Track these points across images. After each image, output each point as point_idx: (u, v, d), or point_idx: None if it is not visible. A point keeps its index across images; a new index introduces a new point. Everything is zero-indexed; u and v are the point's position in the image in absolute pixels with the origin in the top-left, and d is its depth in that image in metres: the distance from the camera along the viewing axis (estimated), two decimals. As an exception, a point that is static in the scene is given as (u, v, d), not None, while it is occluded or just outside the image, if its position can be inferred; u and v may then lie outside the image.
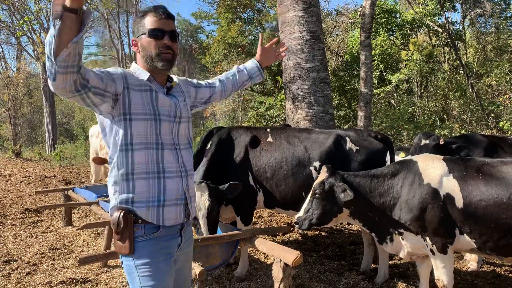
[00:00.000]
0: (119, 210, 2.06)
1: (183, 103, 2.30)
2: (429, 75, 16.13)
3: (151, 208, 2.08)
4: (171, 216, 2.14)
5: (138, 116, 2.07)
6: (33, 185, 11.08)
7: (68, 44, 1.65)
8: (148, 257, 2.07)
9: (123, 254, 2.09)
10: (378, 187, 3.50)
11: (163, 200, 2.11)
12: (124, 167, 2.07)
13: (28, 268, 4.93)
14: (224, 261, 3.99)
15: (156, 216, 2.09)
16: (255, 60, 2.73)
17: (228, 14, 18.74)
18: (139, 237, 2.07)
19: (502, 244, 3.15)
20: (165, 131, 2.16)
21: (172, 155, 2.17)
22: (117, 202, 2.09)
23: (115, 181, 2.10)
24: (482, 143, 5.05)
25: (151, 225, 2.10)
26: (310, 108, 7.19)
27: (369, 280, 4.46)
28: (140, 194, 2.08)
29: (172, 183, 2.14)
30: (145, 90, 2.13)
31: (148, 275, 2.06)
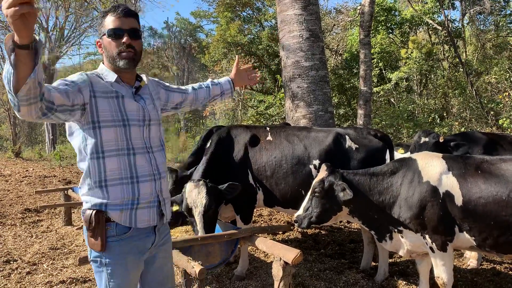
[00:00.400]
0: (91, 209, 2.08)
1: (151, 105, 2.27)
2: (429, 73, 16.12)
3: (124, 211, 2.10)
4: (143, 219, 2.16)
5: (106, 123, 2.06)
6: (33, 185, 11.08)
7: (26, 80, 1.61)
8: (119, 256, 2.11)
9: (95, 251, 2.11)
10: (378, 185, 3.50)
11: (137, 203, 2.13)
12: (97, 175, 2.08)
13: (28, 268, 4.93)
14: (224, 260, 3.99)
15: (129, 219, 2.11)
16: (230, 78, 2.82)
17: (227, 13, 18.73)
18: (111, 236, 2.09)
19: (501, 241, 3.15)
20: (135, 136, 2.15)
21: (144, 159, 2.17)
22: (90, 205, 2.11)
23: (89, 188, 2.10)
24: (482, 141, 5.06)
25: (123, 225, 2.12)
26: (309, 106, 7.19)
27: (369, 278, 4.46)
28: (114, 200, 2.09)
29: (145, 186, 2.16)
30: (112, 97, 2.10)
31: (116, 273, 2.11)
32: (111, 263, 2.10)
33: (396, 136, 12.81)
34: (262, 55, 17.73)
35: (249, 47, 17.57)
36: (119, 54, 2.11)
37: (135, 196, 2.12)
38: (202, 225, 3.84)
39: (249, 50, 17.50)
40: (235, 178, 4.39)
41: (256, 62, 17.62)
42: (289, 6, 7.31)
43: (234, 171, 4.42)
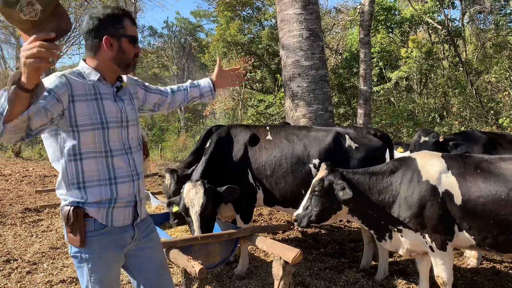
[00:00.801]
0: (69, 205, 2.09)
1: (130, 106, 2.27)
2: (429, 72, 16.12)
3: (101, 209, 2.12)
4: (119, 218, 2.17)
5: (85, 127, 2.05)
6: (33, 185, 11.09)
7: (18, 116, 1.65)
8: (98, 251, 2.12)
9: (75, 246, 2.12)
10: (377, 185, 3.50)
11: (114, 203, 2.15)
12: (75, 177, 2.09)
13: (28, 267, 4.94)
14: (224, 259, 4.00)
15: (105, 217, 2.13)
16: (210, 80, 2.73)
17: (227, 12, 18.73)
18: (90, 232, 2.10)
19: (501, 240, 3.15)
20: (113, 138, 2.15)
21: (123, 160, 2.18)
22: (68, 202, 2.12)
23: (67, 189, 2.11)
24: (481, 140, 5.06)
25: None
26: (309, 106, 7.19)
27: (369, 277, 4.46)
28: (92, 199, 2.10)
29: (124, 187, 2.17)
30: (91, 99, 2.08)
31: (96, 267, 2.13)
32: (91, 258, 2.11)
33: (396, 135, 12.82)
34: (262, 54, 17.75)
35: (249, 47, 17.58)
36: (133, 60, 2.18)
37: (113, 196, 2.14)
38: (199, 225, 3.83)
39: (249, 50, 17.51)
40: (235, 178, 4.39)
41: (256, 61, 17.63)
42: (289, 6, 7.31)
43: (234, 171, 4.43)
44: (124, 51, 2.13)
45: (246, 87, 17.93)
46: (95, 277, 2.13)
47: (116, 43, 2.12)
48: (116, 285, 2.27)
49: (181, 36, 38.49)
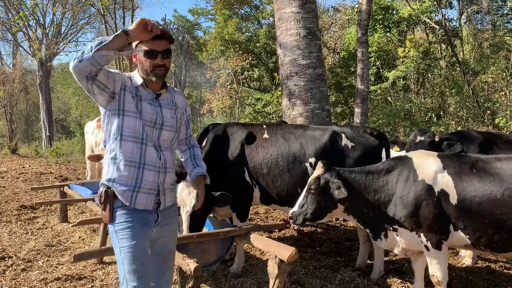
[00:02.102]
0: (103, 186, 2.50)
1: (170, 114, 2.64)
2: (426, 72, 16.15)
3: (126, 191, 2.47)
4: (142, 202, 2.50)
5: (129, 113, 2.48)
6: (29, 182, 11.05)
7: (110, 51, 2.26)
8: (125, 223, 2.47)
9: (106, 222, 2.53)
10: (373, 183, 3.51)
11: (138, 187, 2.49)
12: (114, 152, 2.50)
13: (23, 264, 4.92)
14: (220, 258, 4.00)
15: (129, 199, 2.47)
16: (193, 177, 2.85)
17: (225, 11, 18.70)
18: (117, 208, 2.48)
19: (496, 240, 3.16)
20: (148, 132, 2.54)
21: (155, 152, 2.55)
22: (104, 180, 2.52)
23: (107, 164, 2.53)
24: (477, 140, 5.06)
25: None
26: (306, 104, 7.18)
27: (365, 276, 4.47)
28: (120, 177, 2.47)
29: (149, 174, 2.52)
30: (134, 96, 2.51)
31: (124, 237, 2.45)
32: (119, 229, 2.47)
33: (393, 134, 12.82)
34: (259, 53, 17.73)
35: (247, 45, 17.57)
36: (153, 71, 2.50)
37: (138, 179, 2.48)
38: (188, 225, 3.82)
39: (247, 48, 17.49)
40: (231, 176, 4.39)
41: (253, 60, 17.61)
42: (287, 4, 7.30)
43: (230, 169, 4.42)
44: (142, 63, 2.52)
45: (244, 85, 17.91)
46: (123, 246, 2.44)
47: (138, 57, 2.54)
48: (143, 258, 2.49)
49: (178, 34, 38.40)
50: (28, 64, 31.22)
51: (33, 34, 24.00)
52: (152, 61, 2.48)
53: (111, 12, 16.91)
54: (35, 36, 23.80)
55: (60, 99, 30.97)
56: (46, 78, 25.57)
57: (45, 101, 25.45)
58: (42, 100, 25.58)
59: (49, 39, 25.13)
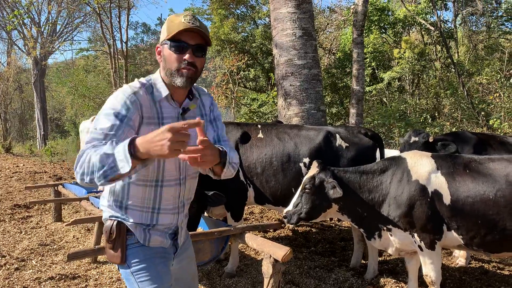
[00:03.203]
0: (112, 219, 2.00)
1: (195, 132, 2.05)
2: (421, 73, 16.20)
3: (139, 228, 2.01)
4: (156, 240, 2.05)
5: None
6: (23, 181, 10.99)
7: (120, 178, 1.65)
8: (144, 261, 1.99)
9: (115, 263, 2.01)
10: (367, 183, 3.52)
11: (152, 226, 2.04)
12: (120, 196, 2.00)
13: (16, 264, 4.90)
14: (214, 257, 3.99)
15: (142, 237, 2.01)
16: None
17: (221, 10, 18.66)
18: (133, 244, 1.99)
19: (488, 240, 3.18)
20: (169, 166, 1.99)
21: (172, 191, 2.04)
22: (109, 215, 2.03)
23: (109, 204, 2.03)
24: (471, 141, 5.08)
25: None
26: (301, 105, 7.19)
27: (359, 276, 4.49)
28: (132, 220, 2.00)
29: (165, 218, 2.05)
30: (153, 123, 1.90)
31: (147, 279, 1.97)
32: (139, 269, 1.98)
33: (388, 135, 12.86)
34: (255, 53, 17.71)
35: (243, 45, 17.55)
36: (178, 70, 1.90)
37: (152, 222, 2.02)
38: None
39: (243, 48, 17.47)
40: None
41: (249, 60, 17.61)
42: (283, 4, 7.31)
43: (225, 168, 4.41)
44: (166, 59, 1.93)
45: (240, 85, 17.90)
46: None
47: (162, 50, 1.95)
48: None
49: (174, 33, 38.29)
50: (22, 62, 31.13)
51: (28, 33, 23.91)
52: (180, 56, 1.88)
53: (106, 11, 16.84)
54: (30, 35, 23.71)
55: (55, 98, 30.82)
56: (40, 77, 25.47)
57: (39, 99, 25.35)
58: (37, 99, 25.48)
59: (44, 37, 25.03)
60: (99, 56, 31.07)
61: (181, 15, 1.91)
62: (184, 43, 1.88)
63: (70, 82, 21.53)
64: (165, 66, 1.94)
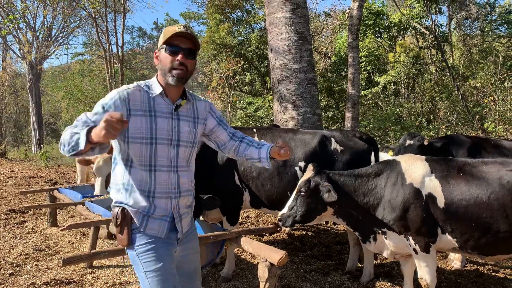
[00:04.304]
0: (118, 206, 2.27)
1: (187, 128, 2.36)
2: (416, 77, 16.29)
3: (138, 214, 2.26)
4: (153, 227, 2.28)
5: (135, 140, 2.21)
6: (18, 186, 10.94)
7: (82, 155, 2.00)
8: (147, 244, 2.24)
9: (123, 246, 2.27)
10: (362, 187, 3.53)
11: (151, 213, 2.27)
12: (122, 180, 2.28)
13: (11, 269, 4.87)
14: (210, 261, 3.99)
15: (140, 222, 2.26)
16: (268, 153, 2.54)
17: (217, 15, 18.72)
18: (136, 228, 2.25)
19: (482, 243, 3.20)
20: (161, 154, 2.27)
21: (166, 176, 2.30)
22: (115, 202, 2.30)
23: (115, 189, 2.31)
24: (466, 144, 5.12)
25: None
26: (297, 108, 7.22)
27: (355, 280, 4.49)
28: (133, 204, 2.26)
29: (160, 202, 2.29)
30: (145, 115, 2.22)
31: (149, 260, 2.22)
32: (142, 251, 2.23)
33: (384, 139, 12.91)
34: (251, 57, 17.76)
35: (239, 49, 17.59)
36: (171, 70, 2.24)
37: (151, 207, 2.26)
38: None
39: (239, 52, 17.52)
40: (221, 179, 4.39)
41: (245, 64, 17.64)
42: (278, 9, 7.34)
43: (220, 172, 4.42)
44: (161, 61, 2.27)
45: (235, 89, 17.93)
46: (149, 270, 2.22)
47: (159, 55, 2.29)
48: (173, 280, 2.27)
49: (170, 37, 38.31)
50: (18, 67, 31.04)
51: (23, 37, 23.86)
52: (173, 57, 2.22)
53: (102, 15, 16.86)
54: (25, 39, 23.66)
55: (50, 102, 30.77)
56: (36, 81, 25.41)
57: (35, 104, 25.28)
58: (32, 103, 25.40)
59: (40, 42, 24.99)
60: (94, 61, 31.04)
61: (175, 25, 2.26)
62: (177, 47, 2.23)
63: (66, 87, 21.51)
64: (161, 67, 2.28)
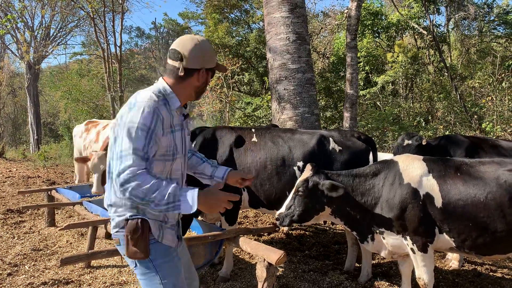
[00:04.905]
0: (134, 218, 2.19)
1: (188, 136, 2.48)
2: (414, 77, 16.31)
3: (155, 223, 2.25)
4: (168, 238, 2.31)
5: (159, 158, 2.20)
6: (16, 186, 10.92)
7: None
8: (165, 255, 2.26)
9: (139, 259, 2.20)
10: (360, 187, 3.54)
11: (164, 223, 2.30)
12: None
13: (9, 269, 4.86)
14: (208, 261, 3.99)
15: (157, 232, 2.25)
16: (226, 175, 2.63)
17: (215, 15, 18.71)
18: (153, 239, 2.23)
19: (480, 242, 3.21)
20: (177, 167, 2.33)
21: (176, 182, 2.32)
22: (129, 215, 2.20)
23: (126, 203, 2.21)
24: (464, 144, 5.13)
25: None
26: (295, 108, 7.22)
27: (353, 279, 4.50)
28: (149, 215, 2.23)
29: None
30: (169, 132, 2.22)
31: (169, 271, 2.25)
32: (161, 263, 2.24)
33: (382, 139, 12.92)
34: (250, 57, 17.76)
35: (237, 49, 17.58)
36: (204, 90, 2.37)
37: (165, 217, 2.29)
38: None
39: (237, 52, 17.51)
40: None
41: (244, 64, 17.64)
42: (276, 9, 7.35)
43: (219, 172, 4.41)
44: (204, 81, 2.32)
45: (234, 89, 17.92)
46: (168, 281, 2.24)
47: (200, 74, 2.29)
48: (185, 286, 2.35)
49: (169, 37, 38.37)
50: (16, 66, 30.98)
51: (21, 37, 23.82)
52: (209, 79, 2.35)
53: (100, 15, 16.83)
54: (23, 39, 23.62)
55: (49, 102, 30.69)
56: (34, 81, 25.37)
57: (33, 104, 25.24)
58: (30, 103, 25.36)
59: (38, 41, 24.94)
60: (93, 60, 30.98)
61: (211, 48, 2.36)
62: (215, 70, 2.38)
63: (64, 86, 21.45)
64: (199, 86, 2.32)
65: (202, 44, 2.28)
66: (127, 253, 2.18)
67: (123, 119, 2.12)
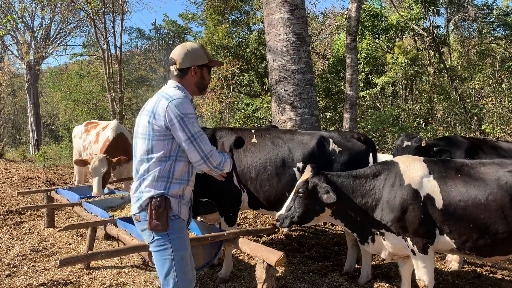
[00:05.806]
0: (157, 196, 2.65)
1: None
2: (414, 78, 16.31)
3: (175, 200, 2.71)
4: (184, 212, 2.78)
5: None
6: (16, 186, 10.91)
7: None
8: (179, 231, 2.71)
9: (159, 231, 2.63)
10: (360, 188, 3.53)
11: (182, 199, 2.77)
12: (166, 173, 2.69)
13: (8, 270, 4.85)
14: (208, 262, 3.97)
15: (177, 208, 2.72)
16: None
17: (215, 16, 18.73)
18: (172, 215, 2.68)
19: (480, 244, 3.20)
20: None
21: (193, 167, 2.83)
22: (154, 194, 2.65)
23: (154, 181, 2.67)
24: (464, 145, 5.12)
25: None
26: (295, 109, 7.22)
27: (352, 281, 4.49)
28: (171, 192, 2.70)
29: (189, 188, 2.84)
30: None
31: (179, 246, 2.68)
32: (175, 237, 2.66)
33: (382, 140, 12.92)
34: (250, 58, 17.77)
35: (237, 50, 17.59)
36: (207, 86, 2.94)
37: (183, 193, 2.76)
38: None
39: (237, 53, 17.52)
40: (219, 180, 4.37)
41: (244, 65, 17.65)
42: (276, 10, 7.35)
43: (218, 173, 4.41)
44: (204, 77, 2.85)
45: (234, 90, 17.92)
46: (178, 254, 2.66)
47: (201, 71, 2.83)
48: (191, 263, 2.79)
49: (168, 38, 38.38)
50: (16, 67, 30.97)
51: (21, 37, 23.82)
52: (209, 76, 2.89)
53: (100, 16, 16.82)
54: (23, 40, 23.62)
55: (48, 103, 30.67)
56: (34, 82, 25.36)
57: (33, 105, 25.23)
58: (30, 104, 25.35)
59: (38, 42, 24.95)
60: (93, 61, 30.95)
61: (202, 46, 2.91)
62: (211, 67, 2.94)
63: (64, 87, 21.43)
64: (202, 82, 2.86)
65: (189, 47, 2.79)
66: (149, 225, 2.62)
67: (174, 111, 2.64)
